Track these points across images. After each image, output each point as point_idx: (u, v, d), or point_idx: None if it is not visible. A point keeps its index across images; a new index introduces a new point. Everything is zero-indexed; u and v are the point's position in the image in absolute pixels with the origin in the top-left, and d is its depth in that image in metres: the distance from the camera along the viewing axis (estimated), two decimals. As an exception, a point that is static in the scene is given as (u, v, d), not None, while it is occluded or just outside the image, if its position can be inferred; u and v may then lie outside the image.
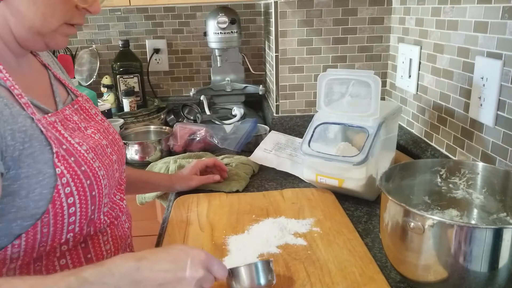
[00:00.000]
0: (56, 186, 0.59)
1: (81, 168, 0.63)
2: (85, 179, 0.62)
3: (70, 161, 0.61)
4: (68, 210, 0.60)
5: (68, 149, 0.62)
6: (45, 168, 0.58)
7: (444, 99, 1.09)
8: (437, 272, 0.61)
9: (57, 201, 0.59)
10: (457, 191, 0.79)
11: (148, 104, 1.77)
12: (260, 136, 1.36)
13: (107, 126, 0.78)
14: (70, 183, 0.60)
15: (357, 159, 0.93)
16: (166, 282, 0.56)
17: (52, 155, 0.59)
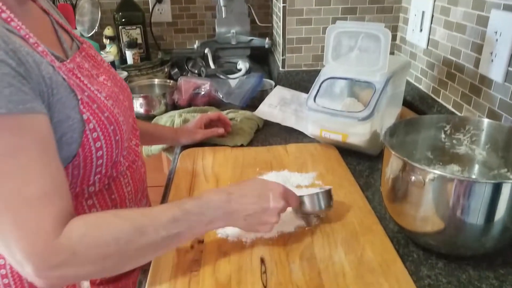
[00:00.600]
0: (85, 131, 0.61)
1: (104, 115, 0.64)
2: (108, 124, 0.65)
3: (93, 107, 0.63)
4: (96, 153, 0.63)
5: (90, 96, 0.64)
6: (73, 114, 0.60)
7: (454, 54, 1.08)
8: (434, 223, 0.63)
9: (86, 145, 0.62)
10: (460, 147, 0.79)
11: (151, 56, 1.75)
12: (266, 91, 1.35)
13: (114, 73, 0.78)
14: (96, 128, 0.62)
15: (362, 114, 0.93)
16: (253, 213, 0.65)
17: (77, 101, 0.61)
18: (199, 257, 0.66)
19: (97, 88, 0.66)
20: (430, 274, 0.63)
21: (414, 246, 0.70)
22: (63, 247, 0.52)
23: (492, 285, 0.61)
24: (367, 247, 0.67)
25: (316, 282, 0.60)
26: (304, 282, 0.60)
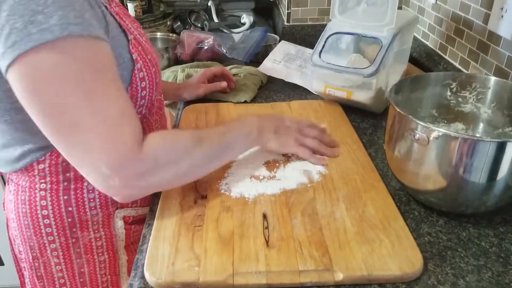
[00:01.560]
0: (134, 70, 0.66)
1: (147, 57, 0.69)
2: (151, 66, 0.69)
3: (139, 49, 0.67)
4: (141, 92, 0.68)
5: (136, 38, 0.68)
6: (124, 53, 0.64)
7: (464, 10, 1.04)
8: (436, 181, 0.64)
9: (134, 84, 0.66)
10: (466, 105, 0.79)
11: (153, 9, 1.70)
12: (270, 46, 1.33)
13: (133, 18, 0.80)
14: (142, 68, 0.67)
15: (368, 71, 0.91)
16: (278, 128, 0.77)
17: (127, 41, 0.65)
18: (202, 212, 0.67)
19: (138, 32, 0.71)
20: (431, 231, 0.65)
21: (416, 203, 0.71)
22: (147, 155, 0.58)
23: (491, 242, 0.63)
24: (368, 203, 0.68)
25: (317, 237, 0.61)
26: (305, 237, 0.61)
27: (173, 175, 0.63)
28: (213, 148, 0.68)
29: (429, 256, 0.60)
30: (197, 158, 0.65)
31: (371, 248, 0.59)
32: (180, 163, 0.63)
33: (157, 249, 0.61)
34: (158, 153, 0.60)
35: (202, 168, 0.68)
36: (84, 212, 0.73)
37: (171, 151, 0.63)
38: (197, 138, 0.66)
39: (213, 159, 0.69)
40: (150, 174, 0.60)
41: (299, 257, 0.58)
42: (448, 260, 0.59)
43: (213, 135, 0.69)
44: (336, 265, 0.57)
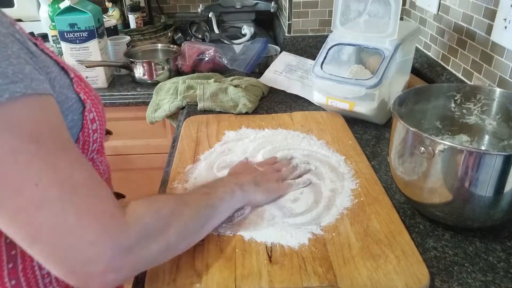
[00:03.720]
0: (84, 111, 0.56)
1: (92, 93, 0.60)
2: (98, 104, 0.61)
3: (83, 86, 0.58)
4: (93, 136, 0.59)
5: (77, 75, 0.58)
6: (70, 94, 0.54)
7: (466, 20, 1.04)
8: (442, 195, 0.62)
9: (86, 128, 0.57)
10: (470, 116, 0.78)
11: (154, 20, 1.70)
12: (271, 57, 1.32)
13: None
14: (91, 108, 0.58)
15: (370, 82, 0.91)
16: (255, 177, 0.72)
17: (70, 80, 0.56)
18: (204, 226, 0.66)
19: (72, 68, 0.59)
20: (437, 246, 0.63)
21: (421, 217, 0.69)
22: (133, 225, 0.47)
23: (499, 257, 0.61)
24: (373, 217, 0.67)
25: (321, 253, 0.60)
26: (309, 252, 0.60)
27: (164, 245, 0.51)
28: (201, 210, 0.59)
29: (435, 272, 0.59)
30: (186, 222, 0.56)
31: (376, 264, 0.58)
32: (170, 230, 0.52)
33: (157, 267, 0.59)
34: (145, 221, 0.49)
35: (193, 234, 0.58)
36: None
37: (158, 217, 0.52)
38: (182, 201, 0.59)
39: (203, 223, 0.60)
40: (140, 247, 0.47)
41: (303, 273, 0.57)
42: (455, 275, 0.58)
43: (198, 197, 0.61)
44: (340, 281, 0.56)
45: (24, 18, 1.60)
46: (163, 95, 1.18)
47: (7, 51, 0.43)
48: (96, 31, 1.21)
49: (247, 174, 0.74)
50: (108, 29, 1.38)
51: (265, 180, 0.73)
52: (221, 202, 0.63)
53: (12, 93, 0.41)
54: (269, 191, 0.72)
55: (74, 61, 1.23)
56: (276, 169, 0.78)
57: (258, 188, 0.70)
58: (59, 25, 1.19)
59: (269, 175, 0.75)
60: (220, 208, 0.63)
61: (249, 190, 0.69)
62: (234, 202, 0.66)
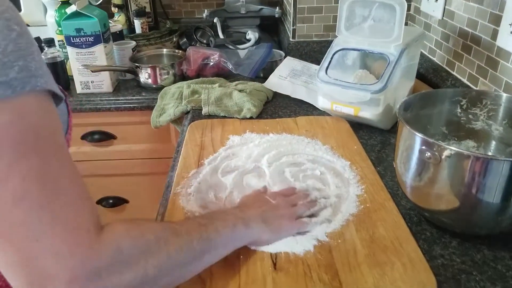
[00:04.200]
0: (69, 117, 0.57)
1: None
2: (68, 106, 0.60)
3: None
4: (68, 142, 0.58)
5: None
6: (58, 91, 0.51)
7: (471, 26, 1.03)
8: (449, 201, 0.62)
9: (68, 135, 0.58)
10: (477, 122, 0.77)
11: (160, 26, 1.71)
12: (275, 62, 1.32)
13: None
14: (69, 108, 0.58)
15: (375, 87, 0.90)
16: (265, 211, 0.66)
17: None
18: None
19: None
20: (444, 253, 0.62)
21: (427, 224, 0.68)
22: (108, 243, 0.43)
23: (508, 266, 0.60)
24: (379, 224, 0.66)
25: (326, 260, 0.59)
26: (314, 259, 0.60)
27: (140, 276, 0.45)
28: (192, 243, 0.52)
29: (443, 280, 0.58)
30: (171, 254, 0.49)
31: (383, 271, 0.57)
32: (149, 260, 0.46)
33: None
34: (121, 244, 0.44)
35: (179, 269, 0.51)
36: None
37: (137, 243, 0.46)
38: (171, 229, 0.52)
39: (194, 257, 0.53)
40: (109, 273, 0.42)
41: (308, 281, 0.56)
42: (463, 284, 0.57)
43: (191, 227, 0.54)
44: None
45: (31, 23, 1.61)
46: (168, 99, 1.18)
47: (32, 48, 0.44)
48: (102, 36, 1.21)
49: (256, 207, 0.66)
50: (114, 34, 1.39)
51: (276, 217, 0.65)
52: (219, 236, 0.56)
53: (33, 86, 0.42)
54: (279, 230, 0.64)
55: (80, 66, 1.24)
56: (290, 202, 0.70)
57: (266, 226, 0.63)
58: (65, 30, 1.19)
59: (282, 210, 0.67)
60: (217, 243, 0.56)
61: (254, 228, 0.62)
62: (235, 238, 0.59)
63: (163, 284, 0.49)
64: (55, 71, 1.28)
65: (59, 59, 1.28)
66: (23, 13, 1.57)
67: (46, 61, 1.27)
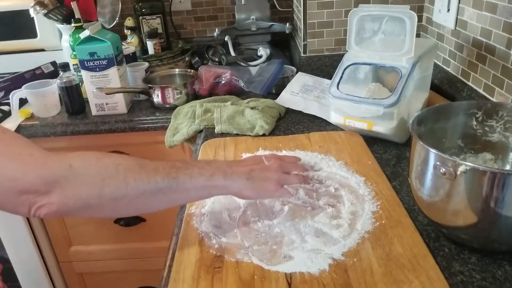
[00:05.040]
0: None
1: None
2: None
3: None
4: None
5: None
6: None
7: (485, 35, 1.02)
8: (466, 217, 0.60)
9: None
10: (493, 134, 0.75)
11: (172, 46, 1.73)
12: (287, 78, 1.32)
13: None
14: None
15: (388, 101, 0.89)
16: (253, 170, 0.67)
17: None
18: (222, 253, 0.65)
19: None
20: (463, 270, 0.61)
21: (445, 239, 0.67)
22: (57, 161, 0.54)
23: (530, 282, 0.58)
24: (395, 241, 0.65)
25: (343, 279, 0.58)
26: (330, 279, 0.59)
27: (97, 193, 0.54)
28: (156, 179, 0.57)
29: (463, 298, 0.56)
30: (130, 181, 0.56)
31: (400, 290, 0.56)
32: (106, 179, 0.54)
33: (176, 293, 0.59)
34: (72, 161, 0.54)
35: (139, 200, 0.57)
36: None
37: (92, 163, 0.55)
38: (136, 162, 0.58)
39: (156, 193, 0.58)
40: (65, 182, 0.53)
41: (324, 302, 0.55)
42: (484, 302, 0.56)
43: (162, 167, 0.59)
44: (363, 310, 0.54)
45: (47, 48, 1.65)
46: (181, 119, 1.19)
47: None
48: (115, 59, 1.24)
49: (246, 165, 0.68)
50: (127, 56, 1.42)
51: (262, 177, 0.67)
52: (190, 181, 0.60)
53: None
54: (261, 190, 0.67)
55: (94, 89, 1.26)
56: (283, 169, 0.71)
57: (250, 183, 0.65)
58: (79, 54, 1.22)
59: (270, 173, 0.68)
60: (186, 186, 0.60)
61: (236, 181, 0.64)
62: (210, 186, 0.63)
63: (124, 209, 0.58)
64: (70, 94, 1.31)
65: (74, 82, 1.30)
66: (39, 39, 1.62)
67: (62, 85, 1.30)
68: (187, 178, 0.60)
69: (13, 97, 1.33)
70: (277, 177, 0.68)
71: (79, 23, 1.39)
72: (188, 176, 0.60)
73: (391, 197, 0.76)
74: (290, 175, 0.70)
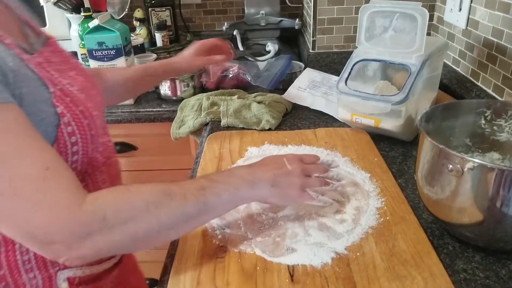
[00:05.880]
0: (59, 125, 0.58)
1: (78, 108, 0.61)
2: (84, 118, 0.62)
3: (67, 101, 0.60)
4: (72, 149, 0.60)
5: (62, 89, 0.60)
6: (45, 107, 0.57)
7: (496, 35, 1.01)
8: (472, 215, 0.60)
9: (61, 140, 0.59)
10: (501, 133, 0.75)
11: (180, 39, 1.74)
12: (295, 74, 1.32)
13: (83, 68, 0.74)
14: (71, 122, 0.59)
15: (396, 98, 0.89)
16: (277, 177, 0.65)
17: (50, 94, 0.58)
18: (225, 243, 0.65)
19: (68, 81, 0.63)
20: (466, 268, 0.60)
21: (450, 237, 0.66)
22: (91, 213, 0.51)
23: (534, 282, 0.58)
24: (399, 237, 0.64)
25: (345, 273, 0.58)
26: (332, 272, 0.58)
27: (130, 237, 0.54)
28: (186, 208, 0.57)
29: (466, 296, 0.56)
30: (162, 218, 0.55)
31: (402, 285, 0.56)
32: (139, 223, 0.54)
33: (179, 281, 0.59)
34: (105, 210, 0.52)
35: (172, 230, 0.58)
36: (19, 276, 0.62)
37: (124, 209, 0.54)
38: (165, 193, 0.57)
39: (187, 220, 0.58)
40: (98, 235, 0.51)
41: (326, 294, 0.55)
42: (487, 301, 0.55)
43: (189, 191, 0.58)
44: (365, 304, 0.54)
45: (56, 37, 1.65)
46: (188, 111, 1.19)
47: None
48: (123, 49, 1.24)
49: (269, 170, 0.67)
50: (135, 47, 1.42)
51: (287, 183, 0.66)
52: (218, 199, 0.60)
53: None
54: (286, 198, 0.68)
55: (102, 78, 1.26)
56: (305, 172, 0.69)
57: (275, 190, 0.65)
58: (87, 43, 1.22)
59: (294, 178, 0.67)
60: (215, 205, 0.60)
61: (262, 190, 0.64)
62: (236, 200, 0.63)
63: (156, 242, 0.57)
64: (79, 83, 1.31)
65: (83, 71, 1.31)
66: (48, 27, 1.62)
67: (71, 73, 1.30)
68: (215, 197, 0.60)
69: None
70: (301, 182, 0.67)
71: (88, 12, 1.39)
72: (215, 195, 0.60)
73: (396, 194, 0.76)
74: (312, 179, 0.70)
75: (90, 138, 0.63)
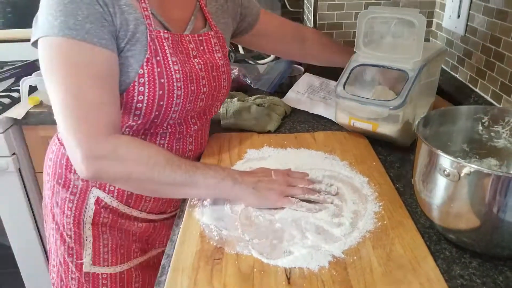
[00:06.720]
0: (134, 81, 0.72)
1: (160, 80, 0.74)
2: (158, 88, 0.74)
3: (155, 69, 0.73)
4: (136, 104, 0.75)
5: (160, 61, 0.74)
6: (134, 64, 0.72)
7: (494, 42, 1.02)
8: (469, 220, 0.60)
9: (130, 93, 0.73)
10: (499, 140, 0.75)
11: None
12: (294, 77, 1.33)
13: (220, 65, 0.86)
14: (145, 84, 0.73)
15: (394, 103, 0.89)
16: (260, 181, 0.74)
17: (144, 58, 0.72)
18: (222, 244, 0.65)
19: (175, 60, 0.76)
20: (463, 274, 0.61)
21: (447, 243, 0.67)
22: (108, 142, 0.67)
23: (531, 288, 0.58)
24: (396, 242, 0.65)
25: (341, 277, 0.58)
26: (329, 276, 0.59)
27: (126, 174, 0.68)
28: (177, 175, 0.70)
29: (462, 301, 0.56)
30: (154, 173, 0.69)
31: (399, 290, 0.56)
32: (137, 166, 0.68)
33: (176, 281, 0.59)
34: (119, 146, 0.68)
35: (159, 187, 0.71)
36: (70, 171, 0.84)
37: (133, 152, 0.69)
38: (166, 158, 0.70)
39: (173, 185, 0.71)
40: (106, 160, 0.67)
41: (322, 297, 0.55)
42: (483, 306, 0.55)
43: (186, 166, 0.71)
44: (361, 307, 0.54)
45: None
46: (187, 113, 1.19)
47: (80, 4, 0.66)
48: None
49: (255, 176, 0.76)
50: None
51: (267, 188, 0.74)
52: (203, 180, 0.71)
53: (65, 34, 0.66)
54: (264, 200, 0.73)
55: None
56: (289, 183, 0.76)
57: (254, 192, 0.73)
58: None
59: (275, 185, 0.74)
60: (199, 184, 0.71)
61: (242, 189, 0.73)
62: (219, 188, 0.72)
63: (142, 189, 0.75)
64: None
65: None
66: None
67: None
68: (201, 177, 0.71)
69: (23, 83, 1.34)
70: (281, 189, 0.74)
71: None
72: (202, 176, 0.71)
73: (394, 198, 0.76)
74: (294, 188, 0.75)
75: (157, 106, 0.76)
